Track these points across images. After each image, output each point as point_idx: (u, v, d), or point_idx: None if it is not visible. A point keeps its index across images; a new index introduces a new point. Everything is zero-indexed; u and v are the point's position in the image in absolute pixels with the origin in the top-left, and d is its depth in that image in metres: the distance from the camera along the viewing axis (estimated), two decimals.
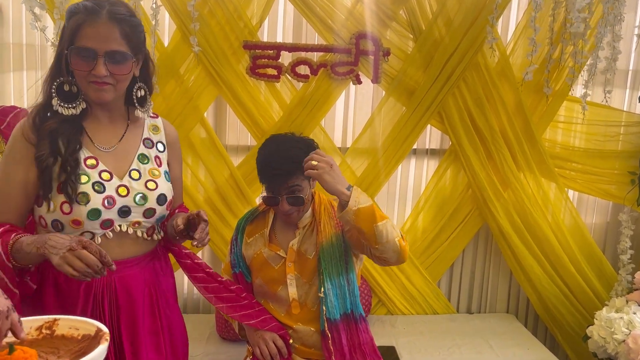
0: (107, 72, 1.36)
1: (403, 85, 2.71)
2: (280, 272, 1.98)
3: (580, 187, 2.95)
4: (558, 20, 2.64)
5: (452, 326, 2.82)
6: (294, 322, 1.98)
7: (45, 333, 0.89)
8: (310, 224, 2.01)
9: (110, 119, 1.50)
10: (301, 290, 1.99)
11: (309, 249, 1.99)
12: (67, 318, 0.89)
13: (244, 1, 2.54)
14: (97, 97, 1.39)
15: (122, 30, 1.36)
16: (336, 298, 1.93)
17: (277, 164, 1.86)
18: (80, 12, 1.35)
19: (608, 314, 2.50)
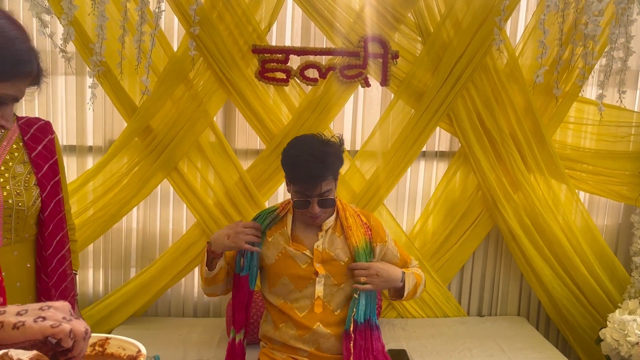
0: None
1: (412, 88, 2.70)
2: (308, 271, 1.99)
3: (591, 189, 2.93)
4: (567, 21, 2.63)
5: (463, 329, 2.81)
6: (314, 323, 1.98)
7: (98, 350, 0.96)
8: (333, 227, 2.03)
9: None
10: (328, 290, 2.00)
11: (339, 254, 2.00)
12: (117, 338, 0.96)
13: (253, 5, 2.55)
14: None
15: None
16: (367, 302, 1.98)
17: (312, 168, 1.85)
18: None
19: (621, 317, 2.48)
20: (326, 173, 1.88)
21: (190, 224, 2.76)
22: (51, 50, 2.54)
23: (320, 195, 1.90)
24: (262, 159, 2.70)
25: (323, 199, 1.91)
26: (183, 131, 2.60)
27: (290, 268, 2.00)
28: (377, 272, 1.94)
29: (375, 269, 1.95)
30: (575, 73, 2.71)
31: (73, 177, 2.64)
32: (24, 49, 1.07)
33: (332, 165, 1.91)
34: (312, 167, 1.85)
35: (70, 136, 2.65)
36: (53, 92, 2.60)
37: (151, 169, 2.62)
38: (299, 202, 1.92)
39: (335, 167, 1.94)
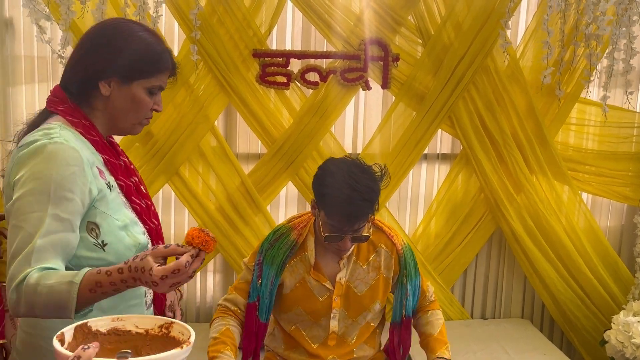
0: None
1: (413, 90, 2.70)
2: (326, 304, 1.85)
3: (594, 190, 2.92)
4: (568, 22, 2.63)
5: (466, 332, 2.80)
6: (327, 354, 1.87)
7: (164, 332, 1.06)
8: (356, 254, 1.86)
9: None
10: (342, 324, 1.87)
11: (359, 285, 1.86)
12: (178, 323, 1.05)
13: (253, 10, 2.55)
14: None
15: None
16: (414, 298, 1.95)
17: (355, 208, 1.66)
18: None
19: (626, 318, 2.47)
20: (369, 212, 1.70)
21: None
22: (52, 56, 2.54)
23: (356, 231, 1.72)
24: (263, 163, 2.69)
25: (358, 235, 1.73)
26: (184, 136, 2.60)
27: (307, 300, 1.85)
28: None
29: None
30: (577, 74, 2.70)
31: None
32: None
33: (375, 202, 1.71)
34: (354, 206, 1.66)
35: None
36: None
37: (152, 174, 2.61)
38: (331, 237, 1.73)
39: (377, 203, 1.74)
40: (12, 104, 2.57)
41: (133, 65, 1.29)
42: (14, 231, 1.15)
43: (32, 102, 2.58)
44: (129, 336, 1.05)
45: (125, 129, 1.36)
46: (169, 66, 1.35)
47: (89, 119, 1.32)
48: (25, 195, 1.16)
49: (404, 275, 1.88)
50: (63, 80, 1.34)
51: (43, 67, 2.57)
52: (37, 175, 1.17)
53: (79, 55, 1.32)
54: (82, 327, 1.01)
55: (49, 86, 2.57)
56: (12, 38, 2.53)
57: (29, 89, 2.58)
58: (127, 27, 1.32)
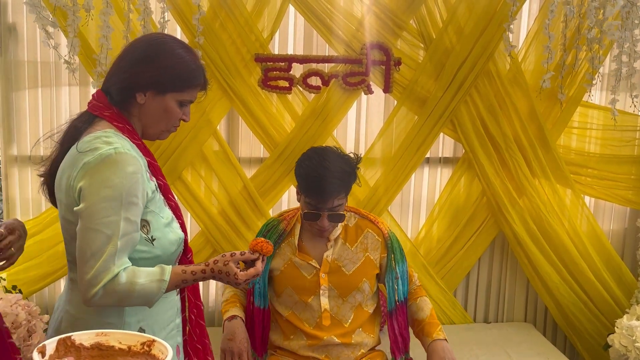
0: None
1: (415, 94, 2.70)
2: (313, 282, 2.00)
3: (596, 193, 2.91)
4: (570, 26, 2.63)
5: (469, 336, 2.79)
6: (325, 334, 1.97)
7: (145, 349, 1.09)
8: (343, 237, 2.04)
9: None
10: (333, 302, 2.00)
11: (347, 265, 2.00)
12: (160, 342, 1.09)
13: (255, 14, 2.56)
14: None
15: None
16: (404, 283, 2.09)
17: (327, 183, 1.89)
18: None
19: (629, 322, 2.46)
20: (340, 189, 1.92)
21: (195, 233, 2.75)
22: (55, 61, 2.55)
23: (332, 209, 1.92)
24: (265, 167, 2.70)
25: (333, 213, 1.92)
26: (187, 140, 2.61)
27: (295, 279, 2.00)
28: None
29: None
30: (579, 78, 2.70)
31: None
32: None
33: (347, 181, 1.95)
34: (326, 182, 1.89)
35: None
36: (57, 102, 2.61)
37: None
38: (309, 214, 1.94)
39: (349, 184, 1.98)
40: (15, 109, 2.57)
41: (169, 80, 1.43)
42: (90, 234, 1.31)
43: (35, 107, 2.59)
44: (111, 351, 1.09)
45: (154, 134, 1.51)
46: (200, 83, 1.49)
47: (131, 124, 1.46)
48: (99, 202, 1.31)
49: (392, 259, 2.06)
50: (105, 85, 1.48)
51: (46, 72, 2.58)
52: (109, 184, 1.32)
53: (122, 66, 1.46)
54: (66, 340, 1.06)
55: (52, 91, 2.59)
56: (15, 43, 2.54)
57: (32, 94, 2.59)
58: (167, 44, 1.46)
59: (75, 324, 1.41)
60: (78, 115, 1.49)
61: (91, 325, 1.33)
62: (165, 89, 1.43)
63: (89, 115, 1.46)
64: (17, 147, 2.61)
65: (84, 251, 1.32)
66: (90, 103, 1.48)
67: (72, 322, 1.43)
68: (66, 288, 1.51)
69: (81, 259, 1.32)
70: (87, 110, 1.48)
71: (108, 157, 1.33)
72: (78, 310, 1.43)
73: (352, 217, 2.10)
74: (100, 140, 1.37)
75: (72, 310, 1.45)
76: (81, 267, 1.32)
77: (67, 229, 1.42)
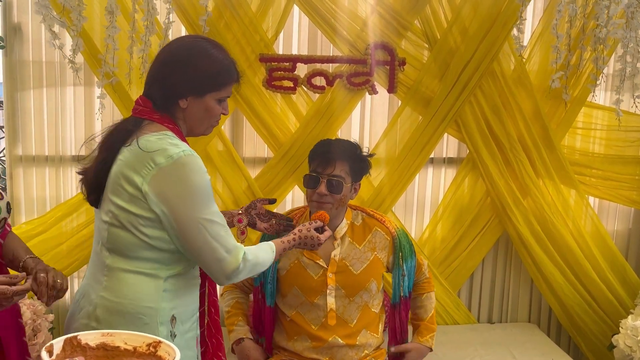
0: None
1: (419, 95, 2.70)
2: (320, 282, 1.99)
3: (601, 194, 2.91)
4: (575, 26, 2.62)
5: (473, 336, 2.79)
6: (329, 335, 1.97)
7: (151, 350, 1.11)
8: (350, 235, 2.04)
9: None
10: (340, 302, 1.99)
11: (355, 264, 2.00)
12: (166, 343, 1.11)
13: (260, 15, 2.56)
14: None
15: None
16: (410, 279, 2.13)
17: (331, 148, 2.02)
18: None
19: (634, 322, 2.46)
20: (343, 157, 1.99)
21: None
22: (60, 61, 2.55)
23: (331, 176, 1.97)
24: (270, 167, 2.70)
25: (332, 179, 1.96)
26: (191, 140, 2.55)
27: (302, 278, 2.00)
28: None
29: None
30: (584, 78, 2.70)
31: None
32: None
33: (351, 157, 2.02)
34: (330, 147, 2.02)
35: (78, 146, 2.66)
36: (62, 102, 2.61)
37: None
38: (308, 177, 2.00)
39: (354, 163, 2.03)
40: (20, 109, 2.58)
41: (206, 83, 1.54)
42: (204, 226, 1.47)
43: (40, 107, 2.59)
44: (117, 352, 1.10)
45: (200, 132, 1.63)
46: (235, 78, 1.60)
47: (177, 126, 1.57)
48: (195, 202, 1.47)
49: (399, 257, 2.08)
50: (147, 91, 1.57)
51: (51, 72, 2.58)
52: (194, 184, 1.47)
53: (161, 74, 1.55)
54: (72, 340, 1.08)
55: (57, 91, 2.59)
56: (20, 43, 2.54)
57: (36, 94, 2.59)
58: (200, 47, 1.55)
59: (113, 308, 1.49)
60: (124, 120, 1.60)
61: (129, 309, 1.48)
62: (204, 92, 1.54)
63: (136, 119, 1.55)
64: (22, 147, 2.61)
65: (206, 241, 1.48)
66: (137, 109, 1.57)
67: (110, 307, 1.50)
68: (98, 277, 1.55)
69: (204, 248, 1.48)
70: (133, 115, 1.58)
71: (179, 160, 1.46)
72: (117, 296, 1.50)
73: (358, 216, 2.11)
74: (165, 141, 1.48)
75: (110, 296, 1.51)
76: (210, 255, 1.49)
77: (117, 215, 1.50)
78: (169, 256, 1.52)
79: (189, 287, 1.60)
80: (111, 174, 1.51)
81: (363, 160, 2.07)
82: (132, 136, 1.51)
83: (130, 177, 1.47)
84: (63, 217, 2.59)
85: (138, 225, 1.48)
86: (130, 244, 1.50)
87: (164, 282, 1.51)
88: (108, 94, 2.48)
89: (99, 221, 1.56)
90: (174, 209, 1.47)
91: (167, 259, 1.52)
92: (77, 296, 1.60)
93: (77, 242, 2.59)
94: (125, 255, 1.51)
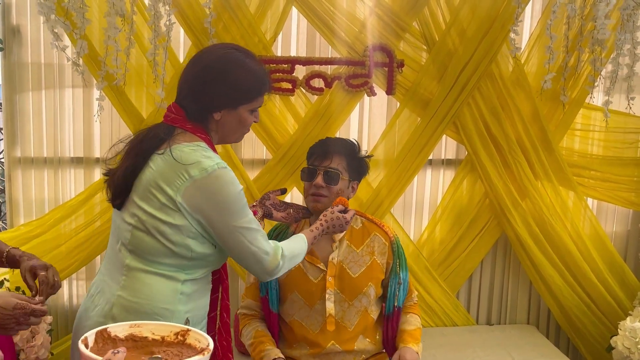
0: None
1: (417, 96, 2.70)
2: (320, 286, 1.97)
3: (599, 195, 2.91)
4: (573, 28, 2.63)
5: (472, 338, 2.79)
6: (327, 341, 1.95)
7: (180, 339, 1.12)
8: (349, 238, 2.02)
9: None
10: (339, 307, 1.97)
11: (353, 267, 1.98)
12: (195, 331, 1.12)
13: (258, 16, 2.56)
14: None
15: None
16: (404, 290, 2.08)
17: (328, 143, 2.06)
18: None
19: (632, 324, 2.46)
20: (341, 152, 2.01)
21: None
22: (58, 63, 2.56)
23: (328, 168, 1.98)
24: (268, 169, 2.70)
25: (329, 170, 1.97)
26: None
27: (302, 283, 1.97)
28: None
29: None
30: (582, 80, 2.70)
31: (80, 189, 2.65)
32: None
33: (350, 154, 2.03)
34: (328, 142, 2.06)
35: (77, 148, 2.66)
36: (60, 104, 2.61)
37: None
38: (305, 170, 2.02)
39: (352, 160, 2.04)
40: (19, 111, 2.58)
41: (241, 96, 1.58)
42: (244, 231, 1.55)
43: (38, 109, 2.60)
44: (145, 342, 1.11)
45: (232, 141, 1.69)
46: (267, 89, 1.64)
47: (209, 136, 1.60)
48: (231, 212, 1.53)
49: (397, 264, 2.05)
50: (180, 100, 1.59)
51: (50, 74, 2.58)
52: (228, 195, 1.53)
53: (195, 88, 1.57)
54: (102, 332, 1.09)
55: (56, 93, 2.60)
56: (19, 45, 2.54)
57: (35, 95, 2.59)
58: (235, 58, 1.58)
59: (130, 307, 1.52)
60: (155, 126, 1.61)
61: (146, 309, 1.51)
62: (238, 104, 1.58)
63: (168, 127, 1.58)
64: (20, 148, 2.61)
65: (245, 247, 1.56)
66: (169, 116, 1.60)
67: (127, 306, 1.52)
68: (115, 276, 1.57)
69: (244, 253, 1.57)
70: (164, 122, 1.60)
71: (213, 173, 1.50)
72: (135, 296, 1.53)
73: (358, 220, 2.09)
74: (199, 153, 1.52)
75: (127, 295, 1.53)
76: (251, 258, 1.57)
77: (144, 221, 1.52)
78: (188, 263, 1.55)
79: (203, 292, 1.64)
80: (141, 180, 1.54)
81: (361, 159, 2.08)
82: (164, 144, 1.54)
83: (163, 187, 1.50)
84: (62, 219, 2.59)
85: (165, 232, 1.51)
86: (154, 249, 1.52)
87: (182, 285, 1.55)
88: (107, 95, 2.49)
89: (121, 221, 1.58)
90: (210, 219, 1.52)
91: (186, 265, 1.55)
92: (92, 291, 1.62)
93: (75, 244, 2.59)
94: (146, 258, 1.54)
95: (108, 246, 1.65)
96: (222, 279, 1.77)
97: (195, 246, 1.54)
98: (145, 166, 1.54)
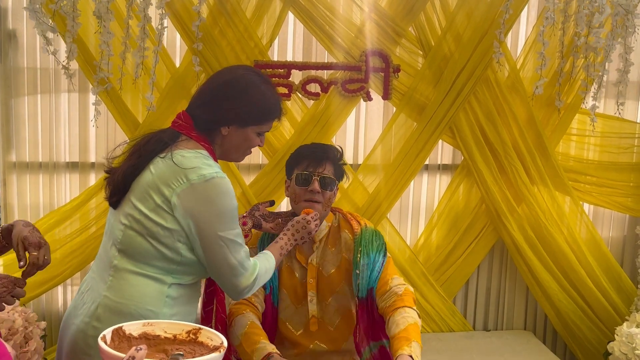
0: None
1: (414, 101, 2.71)
2: (304, 287, 2.00)
3: (595, 201, 2.92)
4: (568, 33, 2.64)
5: (469, 344, 2.78)
6: (311, 341, 1.97)
7: (192, 337, 1.15)
8: (326, 238, 2.04)
9: None
10: (319, 306, 2.00)
11: (326, 266, 2.01)
12: (206, 329, 1.15)
13: (255, 21, 2.56)
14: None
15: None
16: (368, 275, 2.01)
17: (317, 149, 2.06)
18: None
19: (629, 329, 2.45)
20: (329, 157, 2.02)
21: None
22: (54, 68, 2.55)
23: (322, 174, 1.99)
24: (264, 174, 2.69)
25: (324, 176, 1.99)
26: None
27: (290, 282, 2.00)
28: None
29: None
30: (577, 85, 2.71)
31: (75, 193, 2.63)
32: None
33: (335, 161, 2.05)
34: (317, 149, 2.07)
35: (73, 153, 2.65)
36: (56, 109, 2.61)
37: None
38: (300, 175, 1.99)
39: (337, 167, 2.06)
40: (15, 115, 2.57)
41: (251, 116, 1.63)
42: (226, 245, 1.56)
43: (34, 114, 2.59)
44: (158, 340, 1.15)
45: (232, 159, 1.74)
46: (278, 115, 1.71)
47: (212, 147, 1.64)
48: (221, 222, 1.55)
49: (357, 252, 2.00)
50: (192, 111, 1.65)
51: (45, 78, 2.58)
52: (222, 205, 1.55)
53: (211, 101, 1.64)
54: (118, 330, 1.14)
55: (52, 98, 2.59)
56: (15, 50, 2.54)
57: (31, 100, 2.59)
58: (251, 81, 1.64)
59: (114, 308, 1.55)
60: (162, 131, 1.66)
61: (131, 310, 1.53)
62: (247, 124, 1.64)
63: (173, 132, 1.63)
64: (15, 153, 2.60)
65: (226, 259, 1.56)
66: (177, 122, 1.65)
67: (111, 307, 1.55)
68: (103, 276, 1.59)
69: (223, 265, 1.57)
70: (171, 127, 1.65)
71: (211, 181, 1.53)
72: (120, 296, 1.55)
73: (337, 219, 2.12)
74: (200, 160, 1.56)
75: (112, 296, 1.56)
76: (227, 272, 1.57)
77: (139, 221, 1.55)
78: (177, 267, 1.57)
79: (190, 298, 1.65)
80: (140, 181, 1.57)
81: (341, 165, 2.10)
82: (167, 148, 1.58)
83: (160, 188, 1.53)
84: (56, 224, 2.57)
85: (156, 234, 1.53)
86: (144, 250, 1.55)
87: (168, 288, 1.56)
88: (102, 100, 2.48)
89: (116, 221, 1.60)
90: (199, 224, 1.53)
91: (174, 269, 1.58)
92: (82, 288, 1.64)
93: (70, 250, 2.58)
94: (135, 259, 1.56)
95: (100, 245, 1.66)
96: (217, 292, 1.79)
97: (184, 251, 1.56)
98: (145, 168, 1.57)
